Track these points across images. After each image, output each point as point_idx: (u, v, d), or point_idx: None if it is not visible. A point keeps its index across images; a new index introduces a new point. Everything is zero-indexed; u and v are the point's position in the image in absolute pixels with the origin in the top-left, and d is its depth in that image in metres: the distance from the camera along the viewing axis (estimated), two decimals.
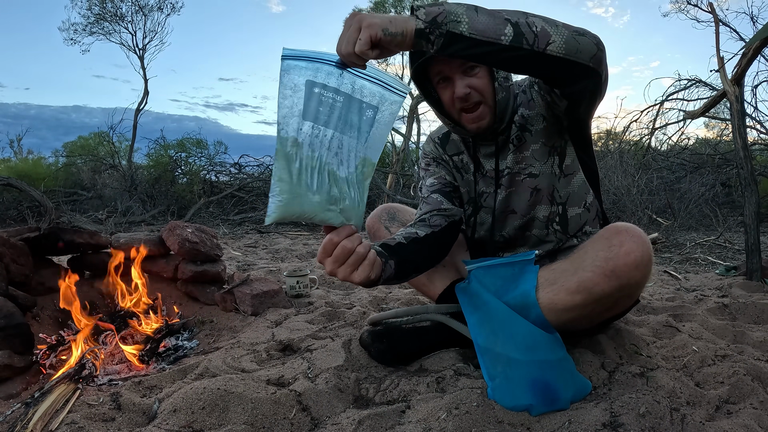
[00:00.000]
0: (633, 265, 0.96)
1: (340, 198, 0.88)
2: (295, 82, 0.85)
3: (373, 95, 0.88)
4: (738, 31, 4.62)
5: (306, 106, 0.86)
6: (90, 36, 8.87)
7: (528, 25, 0.86)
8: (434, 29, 0.82)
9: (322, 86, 0.86)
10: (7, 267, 1.50)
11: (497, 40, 0.85)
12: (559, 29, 0.88)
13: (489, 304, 1.05)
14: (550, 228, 1.25)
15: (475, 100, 1.10)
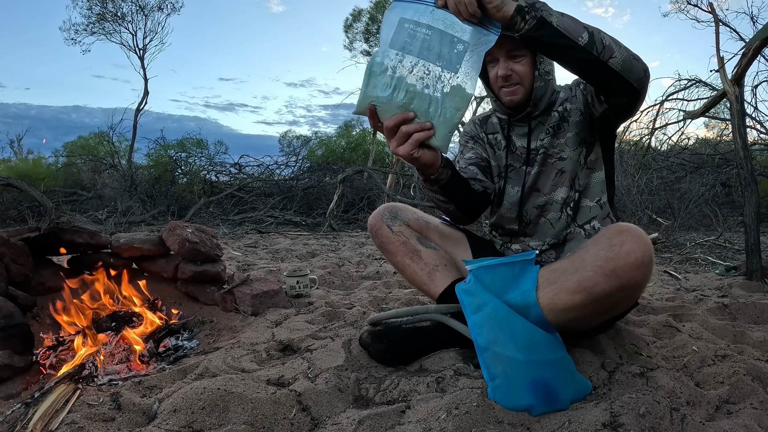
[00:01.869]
0: (633, 266, 0.96)
1: (416, 112, 0.99)
2: (390, 19, 1.03)
3: (464, 31, 1.00)
4: (738, 31, 4.62)
5: (394, 38, 1.02)
6: (91, 36, 8.89)
7: (600, 37, 1.04)
8: (531, 11, 0.99)
9: (413, 22, 1.01)
10: (7, 267, 1.50)
11: (575, 39, 1.02)
12: (621, 49, 1.06)
13: (489, 304, 1.05)
14: (563, 212, 1.33)
15: (514, 81, 1.27)
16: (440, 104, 0.99)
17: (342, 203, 6.04)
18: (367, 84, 1.02)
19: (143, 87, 8.63)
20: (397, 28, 1.02)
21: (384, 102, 1.01)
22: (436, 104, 0.99)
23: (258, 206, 6.36)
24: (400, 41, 1.01)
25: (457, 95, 0.99)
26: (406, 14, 1.02)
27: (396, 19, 1.02)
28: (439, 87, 1.00)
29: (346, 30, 11.03)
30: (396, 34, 1.02)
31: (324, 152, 8.75)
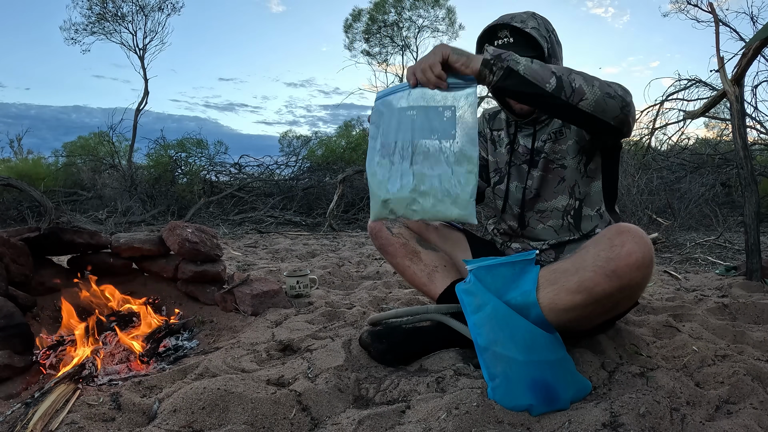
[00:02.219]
0: (634, 266, 0.96)
1: (429, 192, 1.01)
2: (376, 117, 1.06)
3: (445, 97, 1.02)
4: (738, 31, 4.61)
5: (384, 131, 1.04)
6: (91, 36, 8.88)
7: (569, 81, 1.04)
8: (497, 62, 1.02)
9: (396, 110, 1.04)
10: (7, 267, 1.50)
11: (542, 85, 1.02)
12: (594, 89, 1.04)
13: (489, 304, 1.05)
14: (564, 219, 1.34)
15: None
16: (451, 176, 0.99)
17: (342, 203, 6.04)
18: (374, 187, 1.04)
19: (143, 87, 8.63)
20: (385, 120, 1.04)
21: (395, 196, 1.01)
22: (446, 178, 0.99)
23: (258, 206, 6.36)
24: (391, 132, 1.03)
25: (463, 160, 0.99)
26: (389, 105, 1.04)
27: (381, 114, 1.05)
28: (444, 159, 1.00)
29: (346, 30, 11.04)
30: (385, 126, 1.04)
31: (324, 152, 8.74)
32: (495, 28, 1.28)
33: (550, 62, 1.25)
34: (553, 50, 1.27)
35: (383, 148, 1.04)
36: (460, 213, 0.99)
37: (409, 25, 10.62)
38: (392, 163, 1.03)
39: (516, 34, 1.25)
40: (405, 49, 10.72)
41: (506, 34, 1.26)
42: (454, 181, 0.99)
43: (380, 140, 1.05)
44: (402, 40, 10.66)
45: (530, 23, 1.25)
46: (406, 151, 1.02)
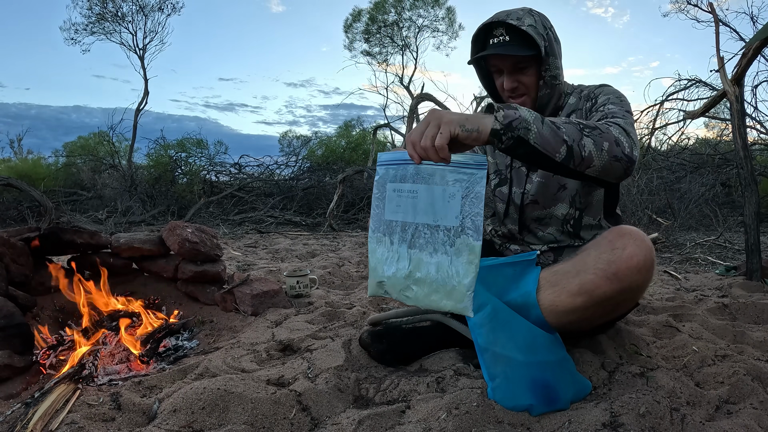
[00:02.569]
0: (635, 269, 0.96)
1: (424, 281, 0.94)
2: (378, 189, 1.00)
3: (452, 179, 0.93)
4: (738, 31, 4.61)
5: (387, 208, 0.99)
6: (91, 36, 8.88)
7: (580, 149, 0.96)
8: (508, 132, 0.92)
9: (399, 185, 0.98)
10: (7, 267, 1.50)
11: (552, 155, 0.95)
12: (602, 155, 0.98)
13: (489, 304, 1.05)
14: (564, 228, 1.31)
15: (520, 92, 1.27)
16: (449, 265, 0.91)
17: (342, 203, 6.04)
18: (372, 263, 1.00)
19: (143, 87, 8.63)
20: (388, 196, 0.98)
21: (389, 279, 0.97)
22: (444, 267, 0.92)
23: (258, 206, 6.36)
24: (391, 208, 0.98)
25: (464, 249, 0.90)
26: (392, 179, 0.98)
27: (383, 187, 0.99)
28: (442, 246, 0.92)
29: (346, 30, 11.04)
30: (388, 202, 0.99)
31: (324, 152, 8.74)
32: (490, 26, 1.24)
33: (548, 61, 1.22)
34: (551, 48, 1.23)
35: (386, 226, 0.99)
36: (454, 306, 0.91)
37: (409, 24, 10.62)
38: (391, 242, 0.98)
39: (512, 32, 1.21)
40: (405, 49, 10.71)
41: (502, 32, 1.22)
42: (452, 271, 0.91)
43: (383, 213, 0.99)
44: (402, 40, 10.66)
45: (527, 20, 1.20)
46: (405, 233, 0.96)
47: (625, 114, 1.13)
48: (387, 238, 0.99)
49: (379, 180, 1.00)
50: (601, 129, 0.99)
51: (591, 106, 1.26)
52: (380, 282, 0.99)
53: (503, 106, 0.94)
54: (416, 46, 10.70)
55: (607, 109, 1.16)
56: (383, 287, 0.99)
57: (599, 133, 0.98)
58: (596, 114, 1.19)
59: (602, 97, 1.24)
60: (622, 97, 1.22)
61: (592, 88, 1.29)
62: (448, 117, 0.89)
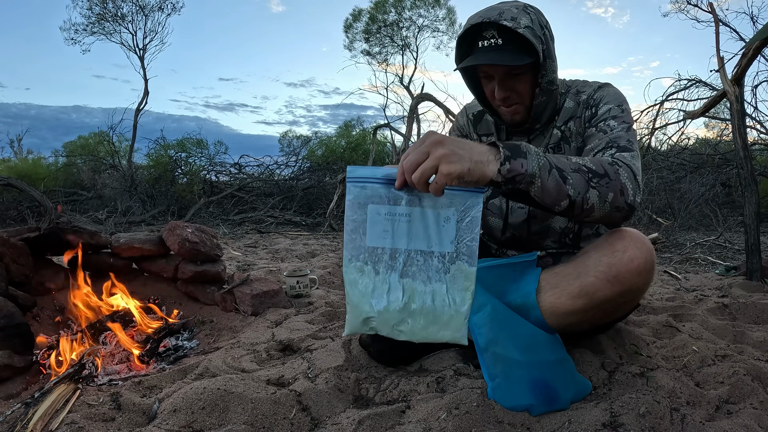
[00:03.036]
0: (636, 272, 0.96)
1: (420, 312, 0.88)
2: (354, 211, 0.87)
3: (445, 202, 0.86)
4: (738, 31, 4.60)
5: (369, 233, 0.87)
6: (91, 36, 8.88)
7: (582, 201, 0.90)
8: (509, 184, 0.85)
9: (389, 208, 0.87)
10: (7, 267, 1.50)
11: (551, 208, 0.90)
12: (604, 206, 0.92)
13: (489, 305, 1.05)
14: (563, 240, 1.28)
15: (513, 101, 1.15)
16: (446, 294, 0.87)
17: (342, 203, 6.03)
18: (353, 297, 0.89)
19: (143, 87, 8.62)
20: (370, 219, 0.87)
21: (380, 314, 0.88)
22: (440, 296, 0.87)
23: (258, 206, 6.36)
24: (377, 234, 0.87)
25: (460, 276, 0.86)
26: (374, 200, 0.87)
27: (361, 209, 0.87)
28: (437, 273, 0.87)
29: (346, 30, 11.04)
30: (371, 227, 0.87)
31: (324, 152, 8.74)
32: (480, 26, 1.08)
33: (545, 66, 1.09)
34: (549, 51, 1.10)
35: (368, 253, 0.88)
36: (453, 336, 0.87)
37: (409, 24, 10.61)
38: (377, 272, 0.88)
39: (505, 34, 1.06)
40: (405, 49, 10.71)
41: (493, 35, 1.06)
42: (449, 299, 0.86)
43: (364, 240, 0.88)
44: (402, 40, 10.66)
45: (523, 20, 1.04)
46: (395, 261, 0.87)
47: (629, 140, 1.05)
48: (370, 267, 0.89)
49: (354, 200, 0.88)
50: (610, 176, 0.92)
51: (591, 116, 1.16)
52: (367, 318, 0.89)
53: (509, 152, 0.84)
54: (416, 46, 10.69)
55: (611, 132, 1.07)
56: (370, 324, 0.89)
57: (607, 182, 0.92)
58: (597, 136, 1.10)
59: (603, 107, 1.14)
60: (623, 104, 1.14)
61: (591, 92, 1.19)
62: (448, 165, 0.79)
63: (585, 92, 1.20)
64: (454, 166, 0.79)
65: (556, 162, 0.89)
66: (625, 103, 1.15)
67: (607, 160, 0.96)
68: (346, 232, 0.89)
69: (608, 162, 0.95)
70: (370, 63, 11.01)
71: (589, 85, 1.22)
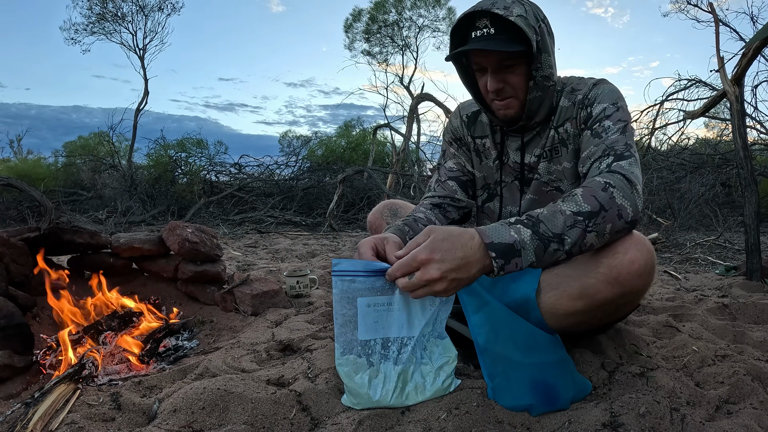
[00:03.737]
0: (636, 274, 0.95)
1: (414, 389, 0.97)
2: (347, 300, 0.90)
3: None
4: (738, 31, 4.61)
5: (361, 324, 0.91)
6: (91, 36, 8.90)
7: (581, 247, 0.91)
8: (501, 272, 0.86)
9: (375, 299, 0.91)
10: (7, 267, 1.50)
11: (548, 263, 0.91)
12: (604, 238, 0.93)
13: (489, 305, 1.04)
14: None
15: (506, 94, 1.13)
16: (432, 366, 0.97)
17: (342, 203, 6.04)
18: (353, 388, 0.95)
19: (143, 87, 8.64)
20: (361, 313, 0.91)
21: (378, 401, 0.95)
22: (429, 370, 0.97)
23: (258, 206, 6.36)
24: (368, 326, 0.92)
25: (435, 348, 0.98)
26: (363, 292, 0.90)
27: (351, 303, 0.91)
28: (420, 352, 0.96)
29: (346, 30, 11.04)
30: (362, 320, 0.91)
31: (324, 152, 8.75)
32: (473, 16, 1.08)
33: (540, 59, 1.07)
34: (544, 43, 1.08)
35: (361, 347, 0.93)
36: (444, 390, 1.00)
37: (409, 24, 10.62)
38: (371, 364, 0.93)
39: (498, 23, 1.05)
40: (405, 49, 10.72)
41: (486, 24, 1.05)
42: (434, 375, 0.98)
43: (355, 334, 0.92)
44: (402, 40, 10.67)
45: (515, 10, 1.04)
46: (388, 350, 0.93)
47: (627, 143, 1.04)
48: (364, 360, 0.92)
49: (342, 294, 0.90)
50: (605, 207, 0.92)
51: (586, 117, 1.14)
52: (366, 406, 0.96)
53: (503, 259, 0.85)
54: (416, 46, 10.70)
55: (606, 136, 1.07)
56: (368, 404, 0.96)
57: (603, 217, 0.91)
58: (593, 142, 1.09)
59: (597, 106, 1.12)
60: (618, 101, 1.12)
61: (586, 91, 1.17)
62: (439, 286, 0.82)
63: (580, 91, 1.18)
64: (445, 285, 0.83)
65: (550, 229, 0.89)
66: (621, 99, 1.13)
67: (600, 185, 0.95)
68: (336, 326, 0.92)
69: (601, 188, 0.94)
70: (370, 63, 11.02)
71: (584, 83, 1.19)
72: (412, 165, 7.42)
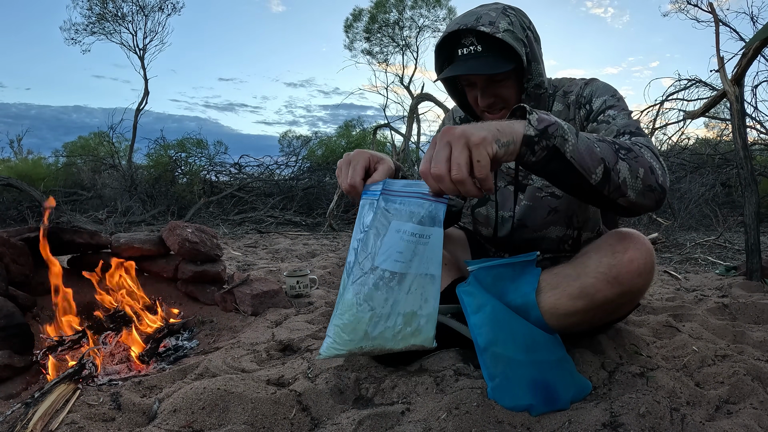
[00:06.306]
0: (636, 273, 0.95)
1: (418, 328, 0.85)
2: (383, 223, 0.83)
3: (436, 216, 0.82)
4: (738, 31, 4.60)
5: (384, 250, 0.81)
6: (91, 36, 8.90)
7: (616, 173, 0.83)
8: (542, 140, 0.76)
9: (415, 227, 0.82)
10: (7, 267, 1.50)
11: (588, 176, 0.81)
12: (636, 183, 0.84)
13: (489, 305, 1.04)
14: (561, 247, 1.26)
15: (499, 108, 1.11)
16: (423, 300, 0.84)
17: (342, 203, 6.04)
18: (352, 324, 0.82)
19: (143, 87, 8.64)
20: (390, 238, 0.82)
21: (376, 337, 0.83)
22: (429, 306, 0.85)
23: (258, 206, 6.36)
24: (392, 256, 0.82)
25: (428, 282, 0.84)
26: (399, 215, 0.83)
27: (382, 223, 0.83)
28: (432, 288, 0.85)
29: (346, 30, 11.04)
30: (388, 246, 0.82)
31: (324, 152, 8.75)
32: (458, 33, 1.04)
33: (530, 69, 1.06)
34: (533, 53, 1.06)
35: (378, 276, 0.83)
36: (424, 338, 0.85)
37: (410, 24, 10.62)
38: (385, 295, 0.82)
39: (485, 40, 1.02)
40: (405, 49, 10.72)
41: (472, 41, 1.02)
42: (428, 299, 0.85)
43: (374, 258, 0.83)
44: (402, 40, 10.67)
45: (501, 24, 1.00)
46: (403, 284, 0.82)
47: (637, 126, 1.00)
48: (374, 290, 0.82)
49: (379, 212, 0.82)
50: (636, 152, 0.86)
51: (587, 113, 1.11)
52: (358, 346, 0.84)
53: (534, 109, 0.79)
54: (417, 46, 10.70)
55: (614, 121, 1.02)
56: (356, 348, 0.84)
57: (634, 156, 0.85)
58: (602, 128, 1.04)
59: (597, 101, 1.10)
60: (616, 93, 1.10)
61: (578, 90, 1.14)
62: (477, 135, 0.71)
63: (572, 92, 1.15)
64: (483, 134, 0.71)
65: (577, 128, 0.83)
66: (617, 92, 1.10)
67: (629, 140, 0.89)
68: (358, 242, 0.85)
69: (630, 141, 0.88)
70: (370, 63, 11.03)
71: (575, 84, 1.17)
72: (412, 165, 7.42)
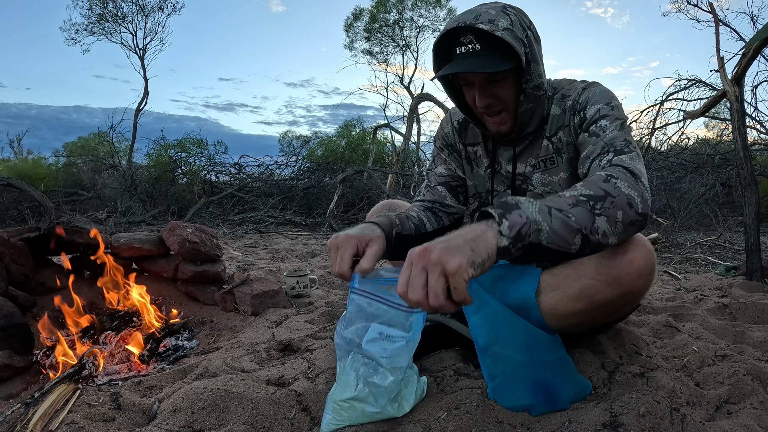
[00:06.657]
0: (636, 274, 0.95)
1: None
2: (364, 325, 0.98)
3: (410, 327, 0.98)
4: (738, 31, 4.60)
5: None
6: (91, 36, 8.91)
7: (593, 233, 0.82)
8: (518, 242, 0.76)
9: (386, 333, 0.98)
10: (7, 267, 1.50)
11: (567, 249, 0.82)
12: (616, 228, 0.84)
13: (489, 305, 1.04)
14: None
15: (497, 109, 1.09)
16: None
17: (342, 203, 6.04)
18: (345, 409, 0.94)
19: (143, 87, 8.65)
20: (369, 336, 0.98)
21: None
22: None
23: (258, 206, 6.36)
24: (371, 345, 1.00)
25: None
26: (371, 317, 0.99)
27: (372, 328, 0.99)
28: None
29: (346, 29, 11.05)
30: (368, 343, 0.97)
31: (324, 152, 8.76)
32: (457, 31, 1.02)
33: (529, 70, 1.04)
34: (532, 53, 1.04)
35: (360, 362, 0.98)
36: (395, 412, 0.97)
37: (410, 24, 10.63)
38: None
39: (483, 39, 1.00)
40: (405, 49, 10.72)
41: (471, 39, 1.01)
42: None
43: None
44: (403, 40, 10.67)
45: (501, 23, 0.98)
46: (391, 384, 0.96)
47: (626, 140, 1.00)
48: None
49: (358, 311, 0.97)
50: (612, 194, 0.85)
51: (581, 121, 1.09)
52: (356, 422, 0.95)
53: (501, 209, 0.78)
54: (417, 46, 10.71)
55: (604, 134, 1.02)
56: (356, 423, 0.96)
57: (611, 202, 0.84)
58: (590, 141, 1.04)
59: (591, 109, 1.08)
60: (612, 100, 1.08)
61: (575, 96, 1.12)
62: (452, 262, 0.70)
63: (570, 96, 1.13)
64: (457, 259, 0.70)
65: (550, 203, 0.81)
66: (614, 99, 1.09)
67: (602, 177, 0.89)
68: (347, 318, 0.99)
69: (602, 179, 0.88)
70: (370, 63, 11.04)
71: (573, 88, 1.15)
72: (412, 165, 7.43)
